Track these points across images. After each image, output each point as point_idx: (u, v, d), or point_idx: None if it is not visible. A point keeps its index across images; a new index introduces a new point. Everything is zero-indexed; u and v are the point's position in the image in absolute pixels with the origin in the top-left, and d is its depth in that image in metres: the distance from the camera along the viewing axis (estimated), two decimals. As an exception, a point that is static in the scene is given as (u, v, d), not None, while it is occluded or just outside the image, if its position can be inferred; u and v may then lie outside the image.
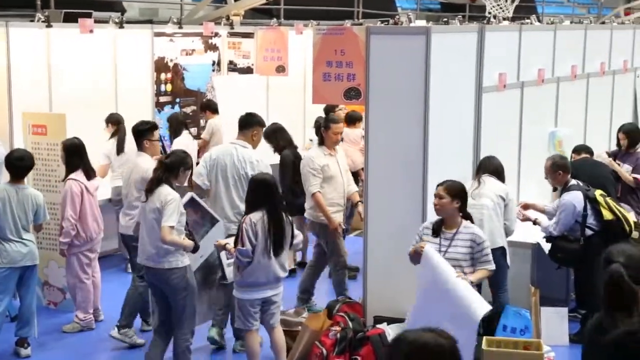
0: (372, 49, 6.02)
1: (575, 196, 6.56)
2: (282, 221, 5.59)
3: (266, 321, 5.78)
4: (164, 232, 5.51)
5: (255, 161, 6.49)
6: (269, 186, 5.63)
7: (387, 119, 6.08)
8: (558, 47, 8.07)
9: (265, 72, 10.64)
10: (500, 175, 6.41)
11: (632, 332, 2.75)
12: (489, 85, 6.66)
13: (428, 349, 2.54)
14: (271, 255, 5.54)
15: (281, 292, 5.79)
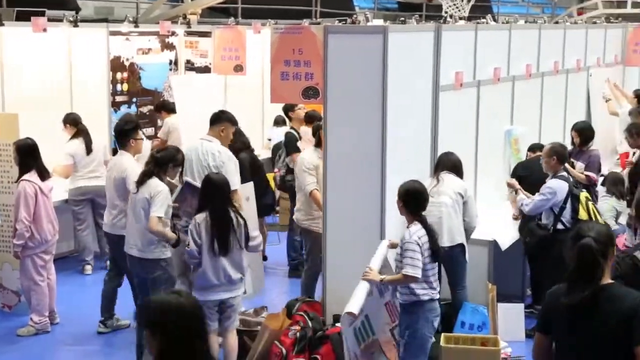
0: (330, 48, 6.02)
1: (560, 185, 6.65)
2: (225, 220, 5.55)
3: (221, 324, 5.76)
4: (151, 222, 5.73)
5: (217, 152, 6.61)
6: (213, 186, 5.65)
7: (346, 118, 6.10)
8: (513, 46, 8.17)
9: (223, 72, 10.59)
10: (458, 171, 6.46)
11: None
12: (445, 84, 6.71)
13: (172, 307, 2.89)
14: (218, 255, 5.55)
15: (239, 296, 5.75)
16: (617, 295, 3.51)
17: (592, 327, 3.49)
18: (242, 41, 10.42)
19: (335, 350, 5.67)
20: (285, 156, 8.63)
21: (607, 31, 11.20)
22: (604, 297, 3.50)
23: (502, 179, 8.15)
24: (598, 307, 3.49)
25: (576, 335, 3.55)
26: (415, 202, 5.31)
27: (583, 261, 3.54)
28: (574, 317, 3.54)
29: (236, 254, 5.65)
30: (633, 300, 3.45)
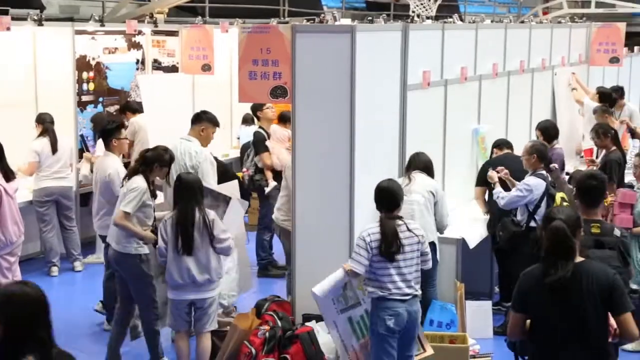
0: (297, 47, 6.03)
1: (538, 183, 6.71)
2: (189, 220, 5.53)
3: (194, 325, 5.76)
4: (116, 215, 5.85)
5: (194, 152, 6.71)
6: (182, 185, 5.66)
7: (314, 118, 6.10)
8: (480, 45, 8.24)
9: (191, 71, 10.53)
10: (429, 171, 6.52)
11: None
12: (413, 83, 6.74)
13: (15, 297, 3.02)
14: (181, 254, 5.53)
15: (210, 298, 5.68)
16: (593, 272, 3.92)
17: (572, 302, 3.89)
18: (210, 40, 10.37)
19: (305, 349, 5.68)
20: (253, 156, 8.62)
21: (571, 31, 11.34)
22: (581, 273, 3.90)
23: (470, 178, 8.22)
24: (577, 284, 3.89)
25: (558, 311, 3.92)
26: (378, 201, 5.34)
27: (556, 241, 3.91)
28: (554, 294, 3.90)
29: (202, 255, 5.61)
30: (611, 276, 3.92)
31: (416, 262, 5.26)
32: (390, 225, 5.21)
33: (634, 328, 3.93)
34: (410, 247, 5.23)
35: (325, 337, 5.91)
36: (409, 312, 5.23)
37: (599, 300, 3.90)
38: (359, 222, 6.08)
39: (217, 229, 5.64)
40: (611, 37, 11.62)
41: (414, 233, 5.25)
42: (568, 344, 3.96)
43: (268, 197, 8.50)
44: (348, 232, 6.09)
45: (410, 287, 5.22)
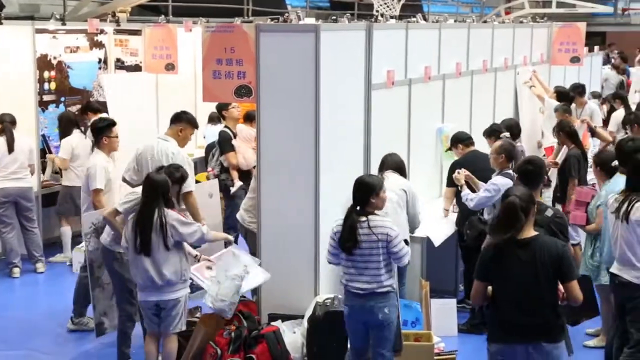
0: (262, 46, 6.02)
1: (506, 182, 6.72)
2: (147, 220, 5.48)
3: (160, 326, 5.70)
4: (107, 210, 5.98)
5: (171, 153, 6.69)
6: (148, 184, 5.62)
7: (279, 117, 6.10)
8: (443, 45, 8.29)
9: (155, 70, 10.45)
10: (402, 171, 6.58)
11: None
12: (377, 83, 6.76)
13: None
14: (139, 255, 5.51)
15: (173, 300, 5.60)
16: (545, 244, 4.54)
17: (527, 271, 4.49)
18: (173, 40, 10.30)
19: (270, 349, 5.67)
20: (219, 155, 8.58)
21: (533, 31, 11.46)
22: (535, 246, 4.50)
23: (434, 176, 8.28)
24: (532, 255, 4.48)
25: (515, 279, 4.51)
26: (353, 195, 5.37)
27: (507, 213, 4.56)
28: (510, 263, 4.51)
29: (160, 257, 5.52)
30: (560, 248, 4.54)
31: (377, 260, 5.24)
32: (350, 220, 5.25)
33: (579, 293, 4.55)
34: (368, 244, 5.22)
35: (291, 336, 5.91)
36: (363, 306, 5.26)
37: (550, 269, 4.49)
38: (324, 221, 6.09)
39: (182, 228, 5.54)
40: (572, 36, 11.77)
41: (373, 232, 5.22)
42: (523, 308, 4.51)
43: (234, 196, 8.46)
44: (313, 231, 6.10)
45: (366, 282, 5.25)
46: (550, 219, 5.37)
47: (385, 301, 5.27)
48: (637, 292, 5.38)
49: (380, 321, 5.28)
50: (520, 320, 4.52)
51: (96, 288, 6.39)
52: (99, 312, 6.42)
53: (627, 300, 5.45)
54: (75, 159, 8.67)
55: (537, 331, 4.52)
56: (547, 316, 4.52)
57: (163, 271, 5.53)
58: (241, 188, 8.51)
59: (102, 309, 6.43)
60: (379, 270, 5.25)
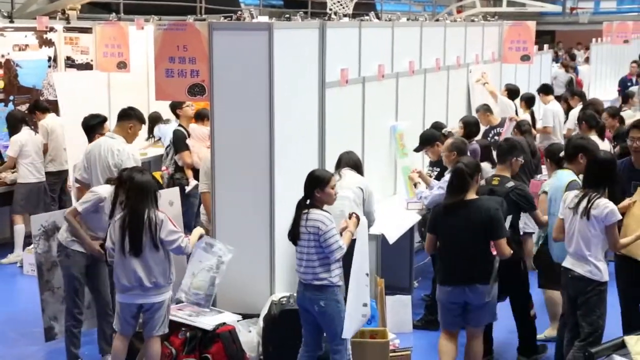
0: (214, 45, 5.99)
1: None
2: (137, 220, 5.39)
3: (143, 329, 5.60)
4: (68, 210, 6.06)
5: (116, 150, 6.64)
6: (133, 185, 5.52)
7: (233, 116, 6.07)
8: (396, 43, 8.34)
9: (106, 69, 10.31)
10: (359, 169, 6.61)
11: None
12: (331, 81, 6.78)
13: None
14: (127, 255, 5.41)
15: (159, 302, 5.49)
16: (480, 206, 5.46)
17: (464, 227, 5.41)
18: (125, 38, 10.17)
19: (226, 348, 5.65)
20: (173, 154, 8.51)
21: (484, 29, 11.59)
22: (472, 207, 5.44)
23: (388, 174, 8.33)
24: (468, 214, 5.42)
25: (455, 234, 5.46)
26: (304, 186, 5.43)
27: (456, 179, 5.50)
28: (453, 220, 5.46)
29: (150, 258, 5.43)
30: (492, 211, 5.41)
31: (310, 252, 5.28)
32: (296, 212, 5.37)
33: (506, 249, 5.44)
34: (306, 235, 5.29)
35: (246, 335, 5.89)
36: (305, 295, 5.36)
37: (481, 227, 5.39)
38: (279, 219, 6.09)
39: (164, 231, 5.44)
40: (522, 35, 11.93)
41: (307, 225, 5.29)
42: (461, 257, 5.46)
43: (189, 195, 8.40)
44: (268, 230, 6.09)
45: (304, 273, 5.33)
46: (510, 189, 6.07)
47: (320, 294, 5.31)
48: (589, 286, 5.49)
49: (317, 312, 5.35)
50: (459, 266, 5.48)
51: (45, 291, 6.29)
52: (49, 316, 6.31)
53: (579, 294, 5.56)
54: (26, 155, 8.54)
55: (472, 275, 5.46)
56: (480, 264, 5.45)
57: (153, 272, 5.44)
58: (196, 187, 8.45)
59: (52, 313, 6.32)
60: (313, 263, 5.30)
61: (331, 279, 5.32)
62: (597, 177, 5.51)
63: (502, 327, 6.47)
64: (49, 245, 6.17)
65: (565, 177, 6.04)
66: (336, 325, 5.35)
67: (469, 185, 5.48)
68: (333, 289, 5.34)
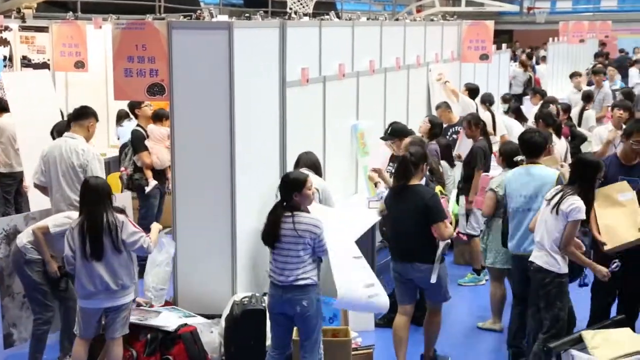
0: (174, 44, 5.94)
1: None
2: (97, 224, 5.33)
3: (105, 331, 5.53)
4: (37, 224, 5.98)
5: (81, 150, 6.56)
6: (88, 189, 5.46)
7: (193, 115, 6.03)
8: (356, 42, 8.36)
9: (63, 68, 10.17)
10: (317, 169, 6.60)
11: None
12: (292, 80, 6.77)
13: None
14: (89, 260, 5.33)
15: (125, 304, 5.46)
16: (419, 192, 5.88)
17: (406, 209, 5.89)
18: (83, 37, 10.05)
19: (187, 349, 5.61)
20: (132, 154, 8.43)
21: (443, 28, 11.68)
22: (412, 192, 5.88)
23: (350, 173, 8.34)
24: (409, 198, 5.88)
25: (399, 215, 6.00)
26: (280, 190, 5.44)
27: (400, 166, 6.00)
28: (398, 203, 5.98)
29: (113, 261, 5.38)
30: (428, 197, 5.84)
31: (297, 255, 5.30)
32: (274, 215, 5.34)
33: (444, 232, 5.81)
34: (291, 239, 5.29)
35: (208, 335, 5.86)
36: (282, 297, 5.34)
37: (419, 211, 5.81)
38: (240, 219, 6.07)
39: (125, 233, 5.40)
40: (481, 34, 12.05)
41: (297, 228, 5.27)
42: (405, 238, 5.94)
43: (148, 196, 8.34)
44: (230, 230, 6.06)
45: (285, 275, 5.31)
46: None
47: (303, 294, 5.33)
48: (547, 277, 5.63)
49: (299, 313, 5.34)
50: (403, 245, 5.96)
51: (5, 297, 6.17)
52: (8, 322, 6.19)
53: (540, 287, 5.67)
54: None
55: (414, 254, 5.89)
56: (420, 244, 5.85)
57: (118, 275, 5.38)
58: (156, 187, 8.39)
59: (12, 320, 6.20)
60: (299, 264, 5.31)
61: (314, 277, 5.40)
62: (577, 176, 5.64)
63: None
64: (10, 250, 6.05)
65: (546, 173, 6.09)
66: (315, 323, 5.41)
67: (411, 173, 5.88)
68: (315, 287, 5.41)
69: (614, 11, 30.36)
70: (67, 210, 6.31)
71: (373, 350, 6.15)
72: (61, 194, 6.55)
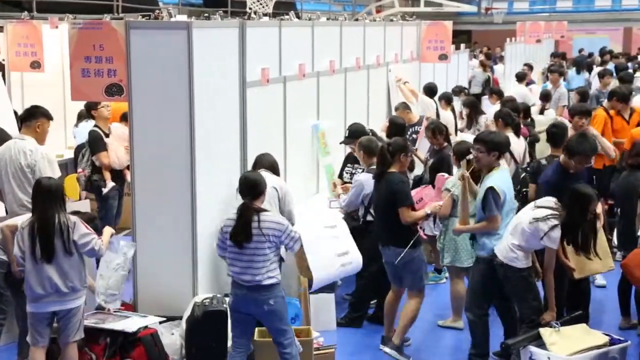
0: (132, 44, 5.89)
1: (367, 178, 6.90)
2: (48, 225, 5.25)
3: (59, 336, 5.44)
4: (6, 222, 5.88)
5: (29, 151, 6.50)
6: (40, 190, 5.38)
7: (152, 116, 5.98)
8: (316, 42, 8.36)
9: (19, 68, 10.03)
10: (275, 170, 6.60)
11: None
12: (252, 80, 6.75)
13: None
14: (39, 262, 5.25)
15: (76, 307, 5.37)
16: (390, 179, 6.24)
17: (382, 195, 6.31)
18: (39, 36, 9.92)
19: (148, 352, 5.57)
20: (90, 155, 8.32)
21: (403, 29, 11.75)
22: (387, 179, 6.24)
23: (311, 173, 8.34)
24: (383, 184, 6.27)
25: (377, 200, 6.47)
26: (242, 191, 5.48)
27: (380, 155, 6.37)
28: (376, 189, 6.45)
29: (64, 263, 5.29)
30: (395, 183, 6.19)
31: (264, 254, 5.32)
32: (245, 216, 5.34)
33: (406, 217, 6.16)
34: (257, 238, 5.32)
35: (169, 338, 5.82)
36: (246, 297, 5.36)
37: (390, 197, 6.19)
38: (201, 220, 6.03)
39: (77, 234, 5.32)
40: (439, 34, 12.15)
41: (261, 227, 5.31)
42: (381, 222, 6.44)
43: (107, 198, 8.24)
44: (190, 231, 6.02)
45: (252, 275, 5.32)
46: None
47: (269, 293, 5.36)
48: (508, 272, 5.76)
49: (266, 312, 5.37)
50: (380, 229, 6.45)
51: None
52: None
53: (506, 283, 5.78)
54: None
55: (388, 237, 6.29)
56: (392, 228, 6.22)
57: (69, 277, 5.30)
58: (114, 189, 8.30)
59: None
60: (265, 263, 5.33)
61: (278, 276, 5.44)
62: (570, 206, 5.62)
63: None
64: None
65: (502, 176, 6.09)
66: (284, 320, 5.46)
67: (387, 161, 6.25)
68: (279, 285, 5.45)
69: (569, 12, 30.84)
70: (19, 211, 6.23)
71: (335, 349, 6.16)
72: (13, 195, 6.51)
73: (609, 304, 7.26)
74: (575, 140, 6.42)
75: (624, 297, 6.97)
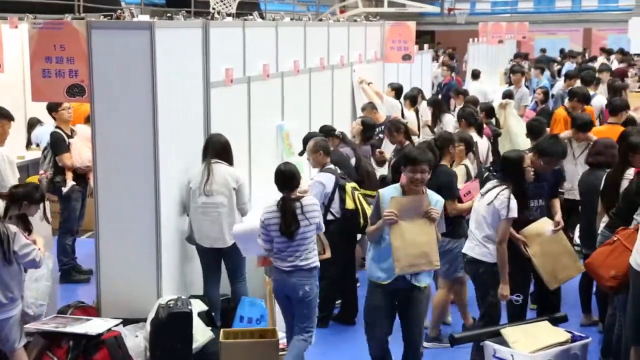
0: (94, 44, 5.83)
1: (327, 177, 6.91)
2: None
3: (3, 346, 5.35)
4: None
5: None
6: None
7: (115, 117, 5.93)
8: (281, 43, 8.36)
9: (-22, 68, 9.87)
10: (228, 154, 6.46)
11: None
12: (216, 81, 6.73)
13: None
14: None
15: (14, 315, 5.30)
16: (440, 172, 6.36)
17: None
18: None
19: (111, 354, 5.52)
20: (52, 157, 8.22)
21: (367, 29, 11.79)
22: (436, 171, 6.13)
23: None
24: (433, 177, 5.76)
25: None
26: (281, 183, 5.73)
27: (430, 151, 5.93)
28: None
29: (5, 273, 5.20)
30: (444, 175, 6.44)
31: (311, 238, 5.66)
32: (289, 207, 5.60)
33: (451, 209, 6.31)
34: (306, 221, 5.61)
35: (133, 340, 5.78)
36: (287, 282, 5.62)
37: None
38: (165, 221, 6.01)
39: (17, 244, 5.23)
40: (403, 35, 12.21)
41: (306, 215, 5.62)
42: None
43: (69, 199, 8.15)
44: (154, 232, 5.99)
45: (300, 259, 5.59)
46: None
47: (309, 277, 5.63)
48: (480, 267, 5.85)
49: (301, 297, 5.59)
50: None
51: None
52: None
53: (474, 278, 5.91)
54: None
55: None
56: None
57: (9, 287, 5.22)
58: (77, 190, 8.20)
59: None
60: (309, 246, 5.65)
61: (317, 260, 5.76)
62: (505, 173, 5.90)
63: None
64: None
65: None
66: (313, 307, 5.72)
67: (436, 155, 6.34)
68: (317, 271, 5.74)
69: (530, 12, 31.22)
70: None
71: (301, 350, 6.15)
72: None
73: (570, 300, 7.36)
74: (547, 142, 6.42)
75: (586, 295, 7.07)
